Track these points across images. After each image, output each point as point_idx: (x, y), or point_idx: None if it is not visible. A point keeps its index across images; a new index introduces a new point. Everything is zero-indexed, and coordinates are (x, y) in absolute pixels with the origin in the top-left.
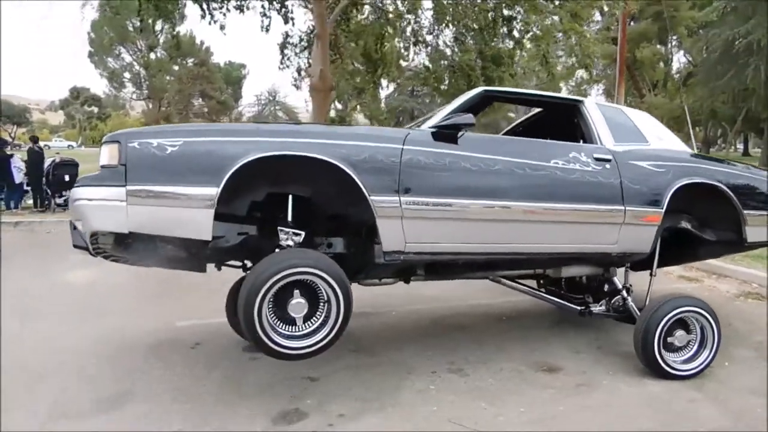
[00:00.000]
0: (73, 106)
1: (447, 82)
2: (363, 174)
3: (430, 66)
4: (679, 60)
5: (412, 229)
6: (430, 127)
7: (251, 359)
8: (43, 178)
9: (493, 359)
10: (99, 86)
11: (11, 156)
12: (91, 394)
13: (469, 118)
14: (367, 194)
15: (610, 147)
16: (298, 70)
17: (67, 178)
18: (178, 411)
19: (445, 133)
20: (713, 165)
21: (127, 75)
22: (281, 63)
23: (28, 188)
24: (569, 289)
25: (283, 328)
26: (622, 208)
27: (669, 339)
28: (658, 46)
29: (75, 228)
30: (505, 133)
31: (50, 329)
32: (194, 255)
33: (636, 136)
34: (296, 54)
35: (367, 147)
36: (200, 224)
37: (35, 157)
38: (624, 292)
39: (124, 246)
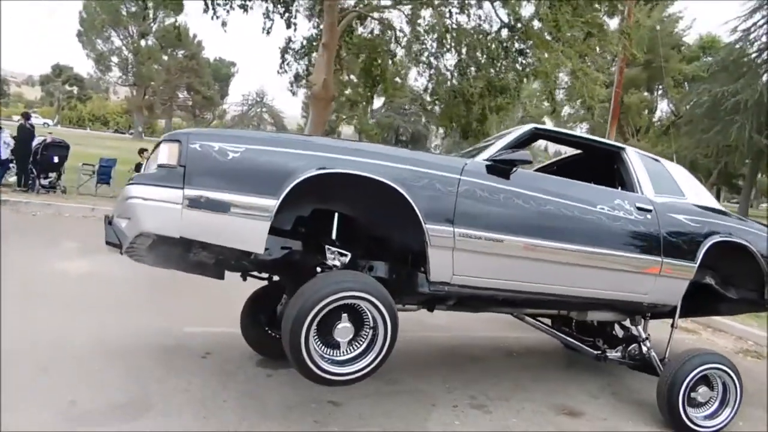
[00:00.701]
0: (54, 84)
1: (444, 105)
2: (420, 201)
3: (435, 88)
4: (661, 109)
5: (461, 262)
6: (485, 160)
7: (267, 376)
8: (30, 157)
9: (513, 397)
10: (83, 67)
11: (0, 129)
12: (105, 400)
13: (526, 155)
14: (422, 221)
15: (651, 197)
16: (296, 76)
17: (55, 159)
18: (201, 428)
19: (500, 168)
20: (742, 224)
21: (114, 59)
22: (280, 67)
23: (12, 165)
24: (578, 330)
25: (326, 351)
26: (660, 259)
27: (692, 394)
28: (645, 94)
29: (110, 223)
30: (537, 170)
31: (50, 322)
32: (222, 263)
33: (674, 188)
34: (296, 60)
35: (426, 174)
36: (254, 236)
37: (25, 134)
38: (647, 342)
39: (160, 248)
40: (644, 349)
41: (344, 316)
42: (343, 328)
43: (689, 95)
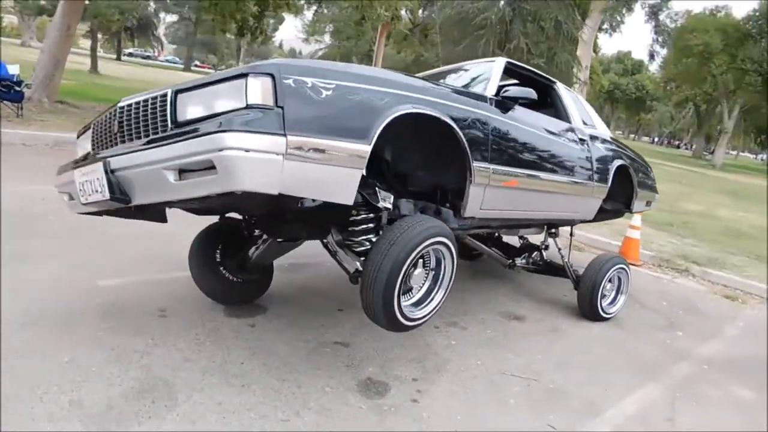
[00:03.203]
0: None
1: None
2: (468, 140)
3: None
4: (402, 16)
5: (488, 197)
6: (494, 96)
7: (251, 326)
8: None
9: (469, 311)
10: None
11: None
12: (112, 389)
13: (532, 92)
14: (470, 160)
15: (581, 128)
16: None
17: None
18: (253, 397)
19: (506, 104)
20: (625, 150)
21: None
22: None
23: None
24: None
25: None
26: (594, 183)
27: (603, 291)
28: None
29: (112, 172)
30: None
31: None
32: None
33: (588, 119)
34: None
35: (469, 111)
36: (347, 186)
37: None
38: (561, 251)
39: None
40: (545, 255)
41: (420, 261)
42: (419, 273)
43: (445, 8)
